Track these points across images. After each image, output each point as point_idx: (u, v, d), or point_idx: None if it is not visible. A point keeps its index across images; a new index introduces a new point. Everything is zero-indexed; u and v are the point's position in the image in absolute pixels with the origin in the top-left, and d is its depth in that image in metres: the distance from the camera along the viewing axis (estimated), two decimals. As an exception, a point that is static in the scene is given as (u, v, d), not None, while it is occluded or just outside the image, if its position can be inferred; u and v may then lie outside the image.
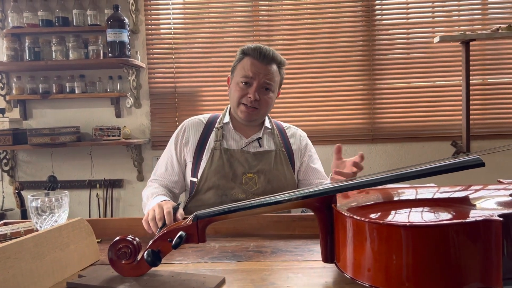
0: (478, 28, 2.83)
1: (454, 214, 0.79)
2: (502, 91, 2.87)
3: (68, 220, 1.06)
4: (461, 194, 0.94)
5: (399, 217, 0.79)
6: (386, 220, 0.76)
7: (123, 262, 0.88)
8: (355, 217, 0.76)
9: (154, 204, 1.24)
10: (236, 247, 1.11)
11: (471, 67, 2.63)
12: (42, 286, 0.86)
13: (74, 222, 1.00)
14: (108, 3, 2.89)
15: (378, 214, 0.81)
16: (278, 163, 1.52)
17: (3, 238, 1.17)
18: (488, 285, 0.70)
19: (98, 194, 3.04)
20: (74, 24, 2.89)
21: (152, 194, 1.46)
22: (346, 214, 0.79)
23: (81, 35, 2.89)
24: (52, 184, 2.83)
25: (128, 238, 0.88)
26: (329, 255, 0.87)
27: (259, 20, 2.97)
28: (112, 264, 0.88)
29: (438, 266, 0.69)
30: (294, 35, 2.94)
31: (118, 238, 0.89)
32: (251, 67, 1.47)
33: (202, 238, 0.89)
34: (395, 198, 0.95)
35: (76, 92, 2.92)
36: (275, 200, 0.88)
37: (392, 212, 0.83)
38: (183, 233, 0.87)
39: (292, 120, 2.80)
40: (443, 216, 0.78)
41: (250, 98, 1.46)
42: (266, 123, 1.59)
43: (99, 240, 1.19)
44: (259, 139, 1.54)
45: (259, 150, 1.53)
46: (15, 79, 2.96)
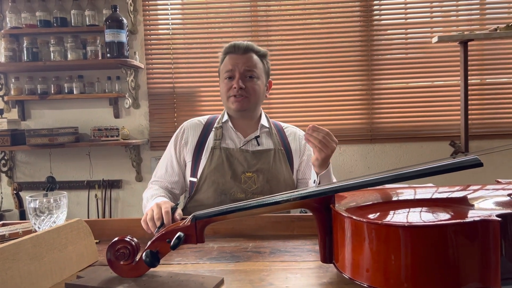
0: (476, 28, 2.83)
1: (452, 214, 0.79)
2: (500, 91, 2.87)
3: (67, 221, 1.06)
4: (459, 194, 0.94)
5: (398, 217, 0.79)
6: (385, 220, 0.76)
7: (122, 262, 0.87)
8: (354, 217, 0.76)
9: (153, 204, 1.24)
10: (234, 248, 1.11)
11: (469, 67, 2.63)
12: (41, 287, 0.86)
13: (72, 223, 1.00)
14: (106, 4, 2.89)
15: (376, 214, 0.81)
16: (277, 161, 1.53)
17: (1, 239, 1.17)
18: (487, 285, 0.70)
19: (96, 194, 3.03)
20: (72, 24, 2.88)
21: (152, 195, 1.46)
22: (344, 214, 0.79)
23: (79, 36, 2.89)
24: (51, 185, 2.83)
25: (127, 239, 0.88)
26: (327, 256, 0.87)
27: (257, 21, 2.97)
28: (110, 265, 0.88)
29: (436, 266, 0.69)
30: (292, 35, 2.94)
31: (116, 239, 0.89)
32: (230, 61, 1.53)
33: (200, 239, 0.89)
34: (394, 198, 0.95)
35: (75, 92, 2.92)
36: (274, 201, 0.88)
37: (391, 212, 0.83)
38: (182, 233, 0.87)
39: (291, 120, 2.79)
40: (442, 216, 0.78)
41: (235, 88, 1.50)
42: (263, 121, 1.60)
43: (97, 241, 1.18)
44: (257, 138, 1.55)
45: (258, 149, 1.54)
46: (13, 79, 2.96)
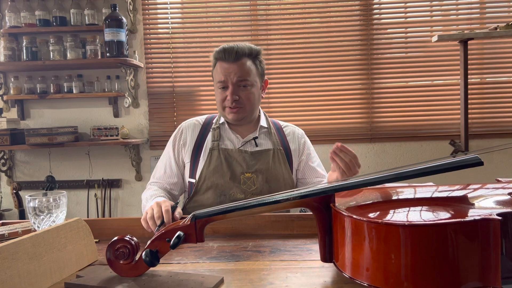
0: (476, 27, 2.83)
1: (452, 213, 0.79)
2: (500, 90, 2.87)
3: (66, 220, 1.06)
4: (459, 193, 0.94)
5: (398, 216, 0.79)
6: (385, 220, 0.75)
7: (121, 262, 0.87)
8: (354, 216, 0.76)
9: (153, 203, 1.24)
10: (234, 247, 1.10)
11: (469, 66, 2.63)
12: (40, 286, 0.86)
13: (72, 222, 0.99)
14: (106, 3, 2.89)
15: (376, 214, 0.81)
16: (276, 162, 1.52)
17: (0, 238, 1.16)
18: (487, 284, 0.70)
19: (96, 194, 3.03)
20: (72, 23, 2.88)
21: (151, 196, 1.46)
22: (344, 213, 0.79)
23: (78, 35, 2.89)
24: (50, 184, 2.83)
25: (126, 238, 0.88)
26: (327, 255, 0.87)
27: (257, 20, 2.96)
28: (110, 264, 0.88)
29: (436, 265, 0.69)
30: (292, 35, 2.94)
31: (116, 238, 0.88)
32: (222, 70, 1.48)
33: (200, 238, 0.89)
34: (394, 197, 0.95)
35: (74, 92, 2.91)
36: (274, 200, 0.88)
37: (391, 211, 0.82)
38: (181, 233, 0.87)
39: (290, 120, 2.79)
40: (442, 215, 0.78)
41: (229, 100, 1.48)
42: (262, 122, 1.59)
43: (97, 240, 1.18)
44: (255, 139, 1.54)
45: (256, 150, 1.53)
46: (12, 79, 2.96)
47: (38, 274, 0.86)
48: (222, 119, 1.58)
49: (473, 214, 0.76)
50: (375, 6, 2.90)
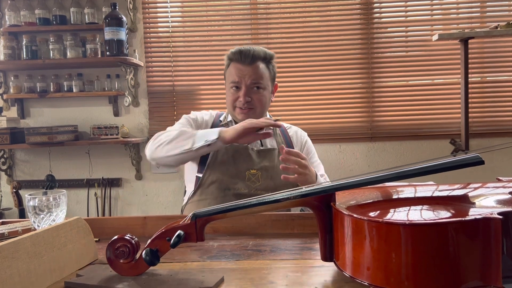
0: (476, 26, 2.83)
1: (453, 212, 0.79)
2: (500, 89, 2.87)
3: (66, 219, 1.06)
4: (460, 192, 0.94)
5: (398, 215, 0.79)
6: (385, 219, 0.75)
7: (121, 261, 0.87)
8: (354, 215, 0.76)
9: (215, 130, 1.34)
10: (234, 246, 1.10)
11: (469, 65, 2.62)
12: (40, 286, 0.86)
13: (72, 221, 0.99)
14: (106, 2, 2.88)
15: (377, 213, 0.81)
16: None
17: (0, 237, 1.16)
18: (488, 283, 0.70)
19: (96, 193, 3.03)
20: (72, 22, 2.87)
21: (190, 130, 1.46)
22: (345, 212, 0.79)
23: (78, 34, 2.88)
24: (50, 183, 2.83)
25: (126, 237, 0.88)
26: (328, 254, 0.87)
27: (257, 19, 2.96)
28: (110, 263, 0.88)
29: (437, 265, 0.69)
30: (292, 34, 2.94)
31: (116, 237, 0.88)
32: (236, 71, 1.51)
33: (200, 237, 0.89)
34: (394, 196, 0.94)
35: (74, 90, 2.91)
36: (274, 199, 0.88)
37: (391, 210, 0.82)
38: (182, 232, 0.86)
39: (291, 119, 2.80)
40: (442, 214, 0.78)
41: (242, 101, 1.51)
42: None
43: (97, 239, 1.18)
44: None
45: (262, 148, 1.56)
46: (12, 77, 2.95)
47: (38, 273, 0.86)
48: (230, 117, 1.61)
49: (474, 213, 0.76)
50: (375, 5, 2.90)
